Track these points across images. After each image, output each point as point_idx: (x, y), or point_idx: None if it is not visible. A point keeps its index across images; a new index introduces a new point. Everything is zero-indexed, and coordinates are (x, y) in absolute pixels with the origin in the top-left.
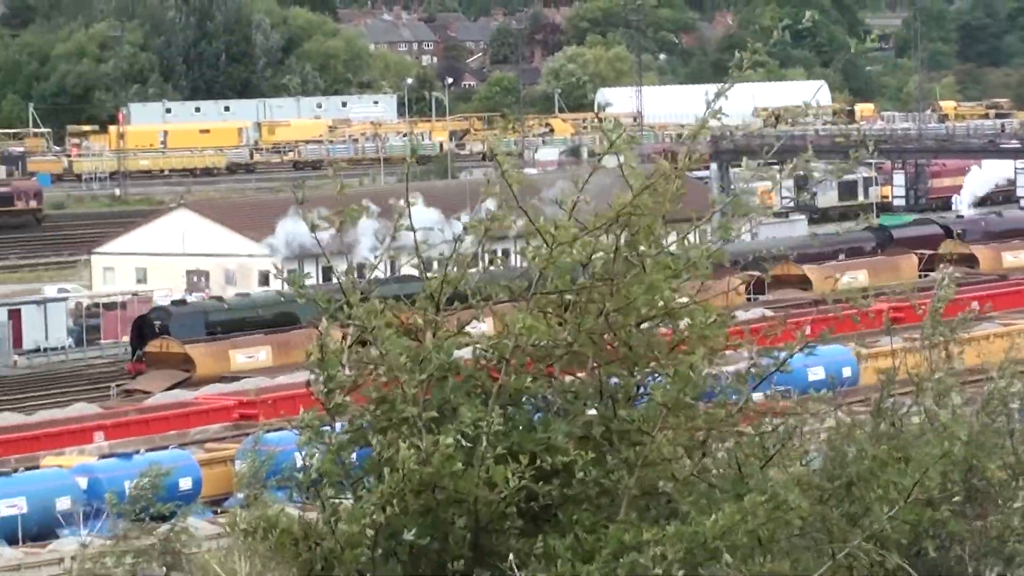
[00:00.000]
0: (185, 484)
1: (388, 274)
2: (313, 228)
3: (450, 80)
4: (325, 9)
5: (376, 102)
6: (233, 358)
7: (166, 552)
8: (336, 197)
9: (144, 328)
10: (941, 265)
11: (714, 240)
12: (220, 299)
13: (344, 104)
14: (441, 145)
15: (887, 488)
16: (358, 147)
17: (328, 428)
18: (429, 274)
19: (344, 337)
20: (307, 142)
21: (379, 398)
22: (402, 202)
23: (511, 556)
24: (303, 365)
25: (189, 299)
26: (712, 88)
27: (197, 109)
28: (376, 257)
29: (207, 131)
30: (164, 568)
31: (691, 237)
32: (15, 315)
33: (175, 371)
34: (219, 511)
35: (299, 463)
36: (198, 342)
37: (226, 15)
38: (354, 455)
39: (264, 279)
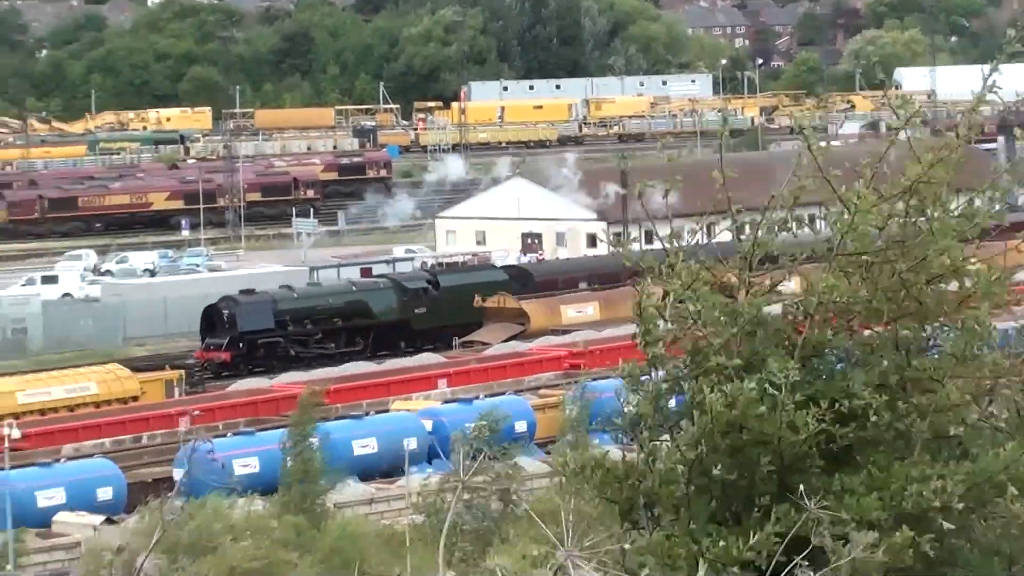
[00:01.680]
0: (520, 427)
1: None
2: (640, 195)
3: (760, 61)
4: None
5: (693, 81)
6: (564, 313)
7: (501, 488)
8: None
9: (213, 317)
10: None
11: (996, 203)
12: (289, 288)
13: (664, 83)
14: (752, 120)
15: None
16: (677, 122)
17: (647, 377)
18: (743, 237)
19: (665, 295)
20: (630, 117)
21: (693, 349)
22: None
23: (801, 488)
24: (627, 319)
25: (259, 288)
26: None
27: (531, 87)
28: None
29: (540, 107)
30: (500, 502)
31: (976, 202)
32: (367, 273)
33: (511, 324)
34: (549, 452)
35: (621, 408)
36: (532, 298)
37: (558, 2)
38: (671, 402)
39: (591, 241)
